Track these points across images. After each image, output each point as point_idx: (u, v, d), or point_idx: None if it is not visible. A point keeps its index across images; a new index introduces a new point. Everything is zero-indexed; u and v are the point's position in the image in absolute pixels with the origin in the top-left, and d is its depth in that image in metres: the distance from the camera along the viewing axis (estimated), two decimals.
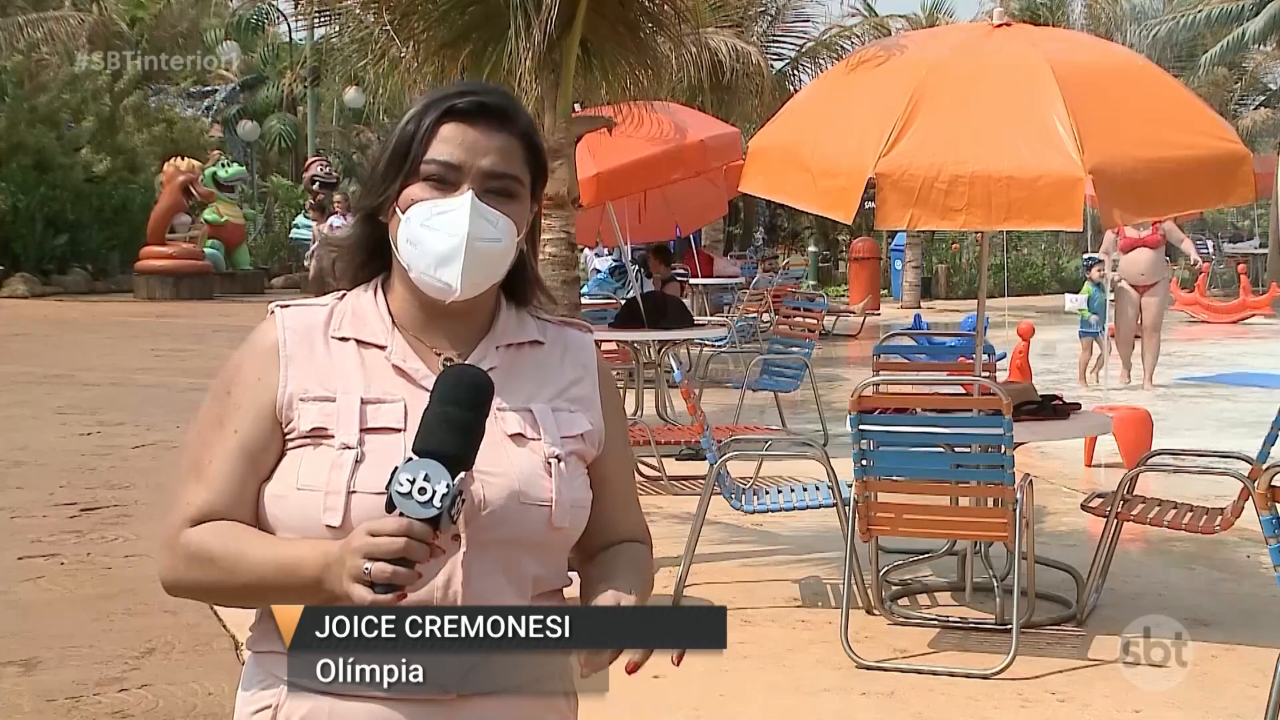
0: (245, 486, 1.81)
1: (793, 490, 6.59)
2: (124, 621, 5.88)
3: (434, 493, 1.64)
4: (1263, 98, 35.24)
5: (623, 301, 11.15)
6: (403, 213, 1.83)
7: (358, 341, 1.87)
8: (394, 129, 1.89)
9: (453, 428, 1.69)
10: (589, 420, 1.91)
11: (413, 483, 1.64)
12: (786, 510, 6.43)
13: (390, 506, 1.65)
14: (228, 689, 5.03)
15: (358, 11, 7.53)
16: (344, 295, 1.92)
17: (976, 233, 8.21)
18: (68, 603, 6.18)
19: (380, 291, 1.91)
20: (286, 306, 1.91)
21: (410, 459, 1.67)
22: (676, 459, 9.17)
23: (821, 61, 17.61)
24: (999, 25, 6.27)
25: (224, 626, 5.63)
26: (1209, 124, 5.95)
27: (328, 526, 1.75)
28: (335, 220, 20.22)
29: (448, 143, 1.83)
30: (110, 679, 5.17)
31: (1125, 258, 12.92)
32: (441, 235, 1.80)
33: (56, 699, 4.97)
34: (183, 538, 1.81)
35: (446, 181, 1.82)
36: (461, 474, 1.68)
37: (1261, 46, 32.19)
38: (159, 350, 15.89)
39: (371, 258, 1.91)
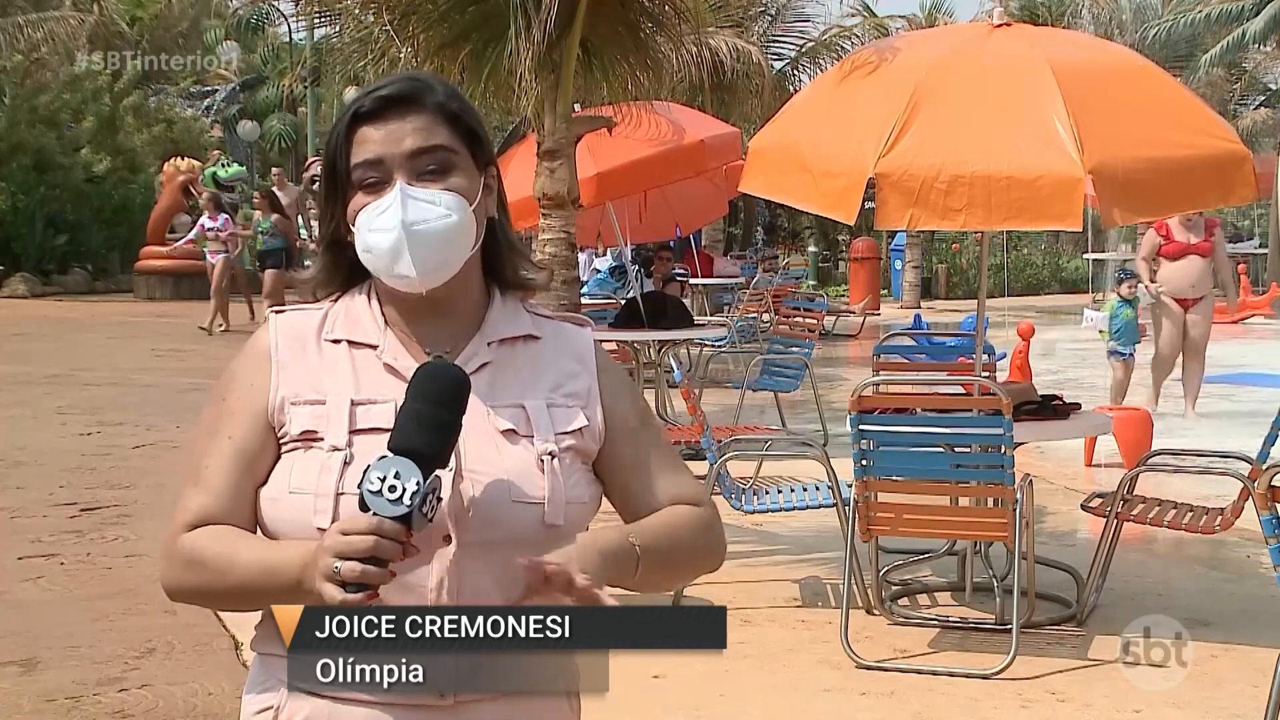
0: (241, 491, 1.82)
1: (793, 490, 6.59)
2: (124, 621, 5.88)
3: (404, 490, 1.63)
4: (1263, 98, 35.23)
5: (623, 301, 11.14)
6: (354, 226, 1.83)
7: (350, 343, 1.87)
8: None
9: (424, 425, 1.68)
10: (586, 415, 1.88)
11: (383, 480, 1.64)
12: (786, 510, 6.43)
13: (364, 505, 1.65)
14: (228, 689, 5.03)
15: (357, 11, 7.54)
16: (338, 298, 1.92)
17: (976, 233, 8.20)
18: (68, 603, 6.18)
19: (373, 291, 1.91)
20: (281, 312, 1.92)
21: (383, 457, 1.66)
22: None
23: (821, 61, 17.61)
24: (999, 25, 6.27)
25: (224, 626, 5.63)
26: (1209, 124, 5.95)
27: (319, 529, 1.74)
28: (206, 221, 18.66)
29: (364, 144, 1.82)
30: (110, 679, 5.17)
31: (1171, 266, 10.99)
32: (384, 234, 1.80)
33: (56, 699, 4.97)
34: (179, 542, 1.81)
35: (378, 181, 1.81)
36: (436, 472, 1.67)
37: (1261, 46, 32.16)
38: (159, 350, 15.88)
39: (353, 277, 1.91)
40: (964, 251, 29.11)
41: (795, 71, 18.97)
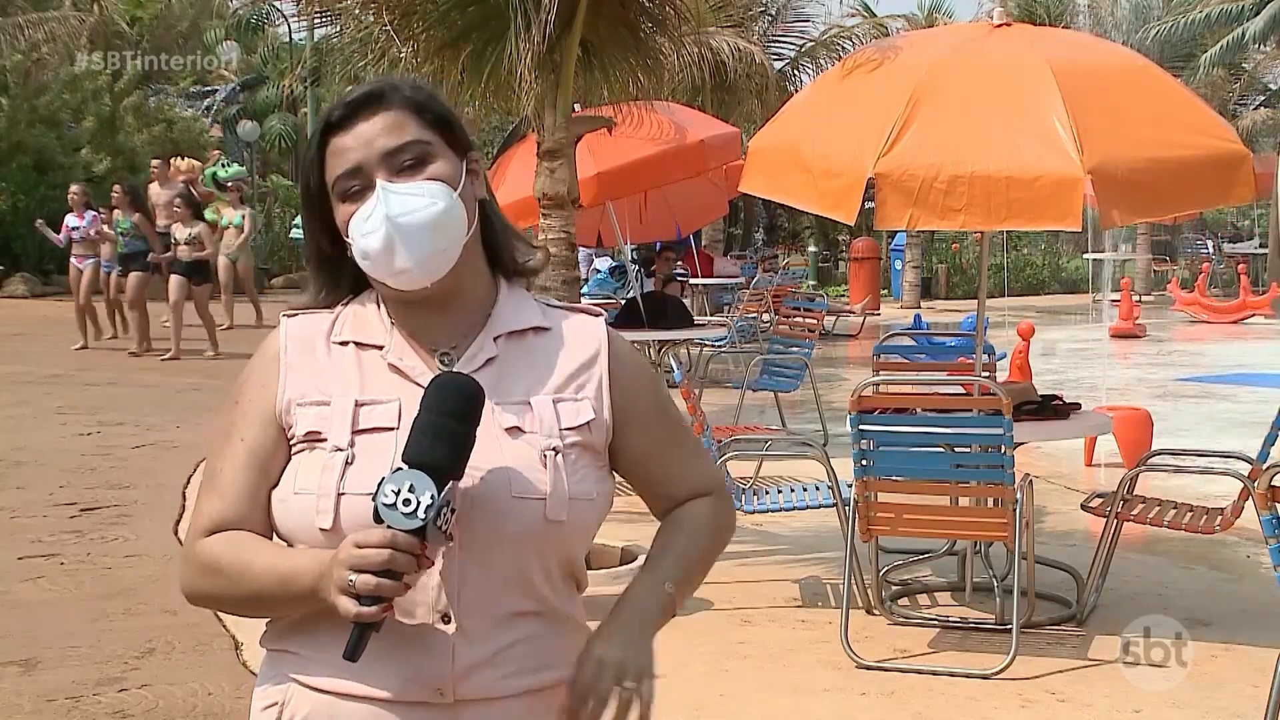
0: (257, 494, 1.82)
1: (793, 490, 6.59)
2: (124, 621, 5.88)
3: (419, 504, 1.62)
4: (1263, 98, 35.17)
5: (623, 301, 11.15)
6: (348, 238, 1.83)
7: (356, 344, 1.87)
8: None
9: (439, 438, 1.67)
10: (594, 409, 1.87)
11: (397, 494, 1.63)
12: (786, 510, 6.43)
13: (378, 518, 1.64)
14: (228, 689, 5.03)
15: (357, 12, 7.52)
16: (349, 301, 1.92)
17: (976, 233, 8.19)
18: (68, 603, 6.18)
19: (379, 293, 1.91)
20: (294, 315, 1.92)
21: (398, 469, 1.65)
22: None
23: (821, 62, 17.58)
24: (998, 25, 6.27)
25: (224, 626, 5.63)
26: (1209, 124, 5.95)
27: (321, 530, 1.75)
28: (71, 220, 16.46)
29: (338, 154, 1.83)
30: (110, 679, 5.17)
31: None
32: (373, 235, 1.79)
33: (56, 699, 4.97)
34: (197, 548, 1.82)
35: (361, 188, 1.81)
36: (450, 484, 1.66)
37: (1261, 46, 32.12)
38: (159, 350, 15.87)
39: (357, 285, 1.91)
40: (964, 251, 29.12)
41: (795, 71, 18.93)
